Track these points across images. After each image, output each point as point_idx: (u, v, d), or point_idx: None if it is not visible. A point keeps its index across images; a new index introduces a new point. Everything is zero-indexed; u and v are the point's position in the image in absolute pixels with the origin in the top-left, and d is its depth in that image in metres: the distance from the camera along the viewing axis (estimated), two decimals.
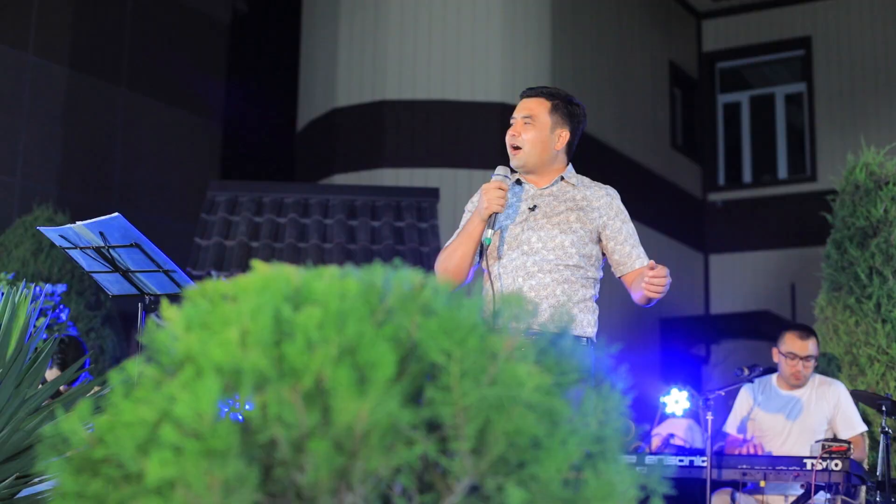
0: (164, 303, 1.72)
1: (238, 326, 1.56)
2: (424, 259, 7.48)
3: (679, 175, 15.09)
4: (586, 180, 4.20)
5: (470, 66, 12.15)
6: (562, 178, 4.16)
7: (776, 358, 6.07)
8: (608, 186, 4.23)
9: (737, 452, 5.68)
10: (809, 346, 5.89)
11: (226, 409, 1.54)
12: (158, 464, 1.45)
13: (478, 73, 12.14)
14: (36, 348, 4.26)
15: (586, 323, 4.08)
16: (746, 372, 5.78)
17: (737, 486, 5.80)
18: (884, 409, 5.30)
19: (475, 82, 12.12)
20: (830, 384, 5.97)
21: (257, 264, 1.72)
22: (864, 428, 5.86)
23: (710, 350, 14.41)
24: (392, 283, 1.69)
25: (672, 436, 7.65)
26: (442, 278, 4.20)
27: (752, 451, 5.73)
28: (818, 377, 6.05)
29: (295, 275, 1.69)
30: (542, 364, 1.74)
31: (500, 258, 4.08)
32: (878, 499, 5.30)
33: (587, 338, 4.08)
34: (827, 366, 6.83)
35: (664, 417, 8.24)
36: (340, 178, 12.03)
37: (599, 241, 4.18)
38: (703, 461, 5.42)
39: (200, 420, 1.47)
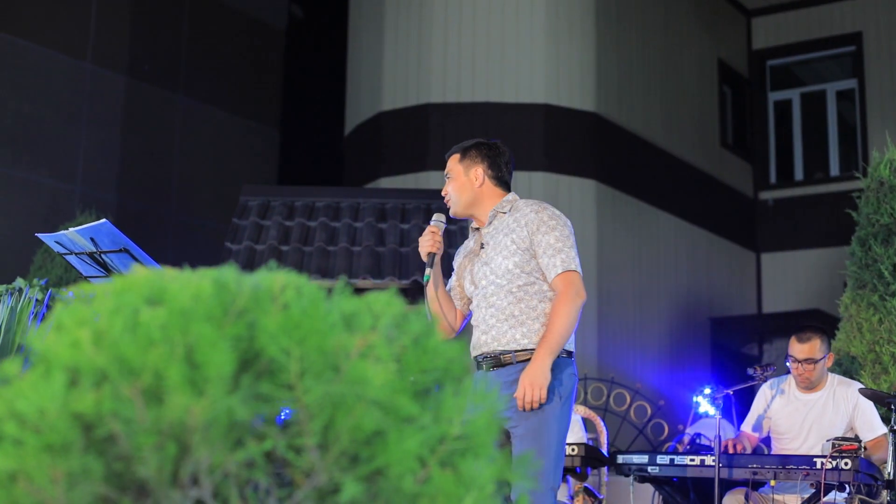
0: (58, 304, 1.81)
1: (91, 326, 1.64)
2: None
3: (729, 174, 14.99)
4: (521, 203, 4.48)
5: (514, 68, 12.19)
6: (497, 212, 4.49)
7: None
8: (537, 202, 4.47)
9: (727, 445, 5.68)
10: (807, 349, 5.83)
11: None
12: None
13: (522, 74, 12.18)
14: None
15: None
16: (759, 371, 5.78)
17: (753, 485, 5.78)
18: (893, 406, 5.26)
19: (519, 84, 12.16)
20: (849, 385, 5.89)
21: (137, 267, 1.80)
22: (884, 430, 5.79)
23: (762, 349, 14.30)
24: (247, 284, 1.76)
25: (699, 435, 7.64)
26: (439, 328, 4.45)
27: (730, 448, 5.72)
28: (837, 378, 5.99)
29: (157, 277, 1.76)
30: (403, 363, 1.80)
31: (471, 300, 4.48)
32: (888, 498, 5.26)
33: None
34: (851, 364, 6.77)
35: (697, 417, 8.23)
36: (387, 182, 12.14)
37: None
38: (714, 460, 5.43)
39: (42, 416, 1.55)
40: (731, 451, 5.68)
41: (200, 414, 1.57)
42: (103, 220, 3.76)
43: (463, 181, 4.50)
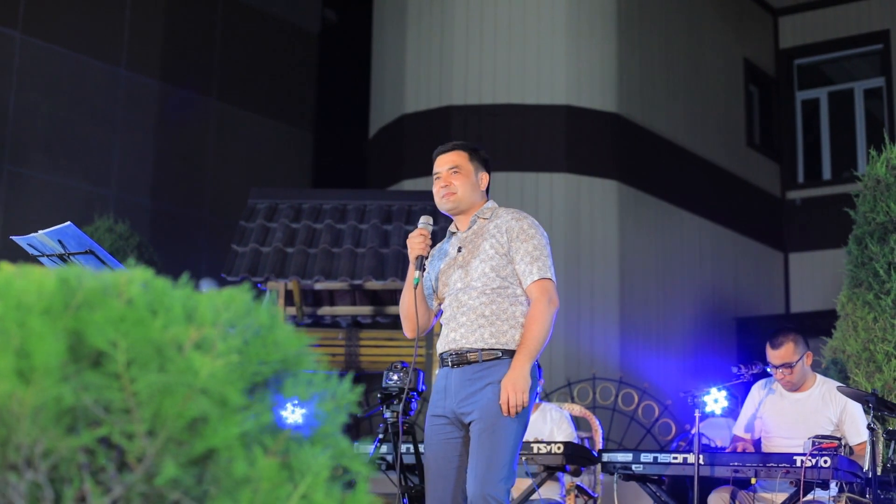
0: None
1: None
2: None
3: (756, 174, 14.94)
4: (501, 211, 4.64)
5: (535, 70, 12.23)
6: (477, 217, 4.61)
7: None
8: (518, 211, 4.64)
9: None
10: (781, 354, 5.86)
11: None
12: None
13: (543, 75, 12.21)
14: None
15: (519, 337, 4.40)
16: (744, 369, 5.81)
17: (740, 484, 5.82)
18: (870, 405, 5.27)
19: (541, 85, 12.19)
20: (836, 388, 5.91)
21: (2, 266, 1.90)
22: (866, 436, 5.79)
23: None
24: (91, 280, 1.85)
25: (701, 434, 7.66)
26: (406, 326, 4.68)
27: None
28: (824, 378, 6.02)
29: (8, 273, 1.86)
30: (244, 355, 1.89)
31: (443, 298, 4.61)
32: (880, 497, 5.25)
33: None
34: (846, 362, 6.77)
35: (703, 417, 8.24)
36: (409, 184, 12.22)
37: None
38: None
39: None
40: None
41: (28, 400, 1.67)
42: (67, 223, 3.88)
43: (473, 182, 4.62)
